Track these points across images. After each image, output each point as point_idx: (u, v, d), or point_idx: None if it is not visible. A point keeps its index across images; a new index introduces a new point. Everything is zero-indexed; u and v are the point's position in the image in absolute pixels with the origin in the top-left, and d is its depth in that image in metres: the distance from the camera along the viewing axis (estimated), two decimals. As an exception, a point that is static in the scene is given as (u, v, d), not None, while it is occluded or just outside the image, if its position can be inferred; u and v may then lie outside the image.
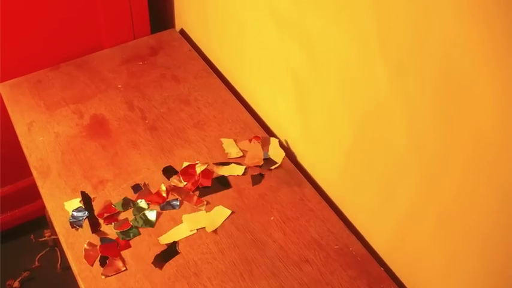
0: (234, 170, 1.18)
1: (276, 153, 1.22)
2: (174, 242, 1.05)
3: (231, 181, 1.16)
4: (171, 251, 1.04)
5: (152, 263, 1.02)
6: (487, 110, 0.73)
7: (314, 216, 1.12)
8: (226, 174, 1.17)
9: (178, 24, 1.60)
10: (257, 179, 1.17)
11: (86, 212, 1.08)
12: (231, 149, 1.22)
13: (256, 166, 1.19)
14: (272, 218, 1.11)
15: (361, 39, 0.90)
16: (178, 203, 1.11)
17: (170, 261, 1.03)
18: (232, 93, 1.36)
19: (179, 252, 1.03)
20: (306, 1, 1.00)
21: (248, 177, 1.17)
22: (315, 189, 1.16)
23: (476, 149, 0.77)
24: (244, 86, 1.39)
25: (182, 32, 1.57)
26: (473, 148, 0.77)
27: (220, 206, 1.11)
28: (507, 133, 0.71)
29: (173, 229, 1.07)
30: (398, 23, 0.81)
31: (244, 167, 1.18)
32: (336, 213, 1.13)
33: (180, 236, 1.06)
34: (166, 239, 1.06)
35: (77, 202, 1.10)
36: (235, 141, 1.24)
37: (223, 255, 1.05)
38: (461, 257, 0.89)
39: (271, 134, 1.30)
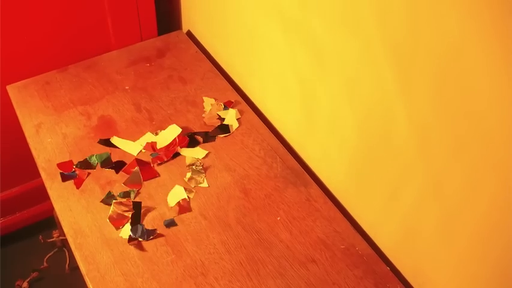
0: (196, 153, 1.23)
1: (233, 123, 1.29)
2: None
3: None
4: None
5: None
6: (492, 109, 0.73)
7: (320, 216, 1.12)
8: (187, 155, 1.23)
9: (185, 26, 1.61)
10: (206, 138, 1.26)
11: (140, 225, 1.07)
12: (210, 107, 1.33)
13: (213, 126, 1.28)
14: (279, 218, 1.12)
15: (365, 41, 0.90)
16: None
17: (177, 262, 1.03)
18: (239, 95, 1.36)
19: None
20: (311, 4, 1.00)
21: (249, 178, 1.18)
22: (321, 189, 1.17)
23: (481, 146, 0.77)
24: (250, 87, 1.39)
25: (189, 34, 1.58)
26: (478, 145, 0.77)
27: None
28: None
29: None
30: (400, 25, 0.81)
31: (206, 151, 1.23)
32: (342, 213, 1.13)
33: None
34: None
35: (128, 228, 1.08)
36: (215, 99, 1.34)
37: (230, 255, 1.05)
38: (467, 256, 0.89)
39: (277, 134, 1.30)
